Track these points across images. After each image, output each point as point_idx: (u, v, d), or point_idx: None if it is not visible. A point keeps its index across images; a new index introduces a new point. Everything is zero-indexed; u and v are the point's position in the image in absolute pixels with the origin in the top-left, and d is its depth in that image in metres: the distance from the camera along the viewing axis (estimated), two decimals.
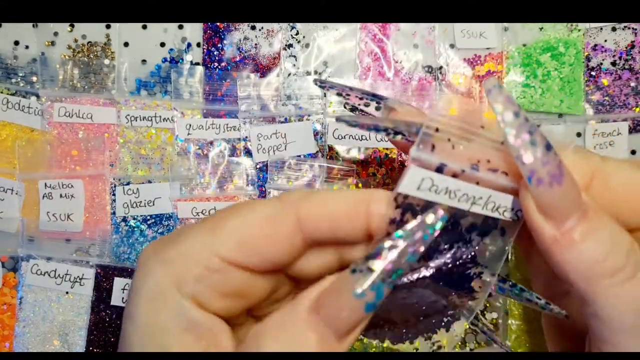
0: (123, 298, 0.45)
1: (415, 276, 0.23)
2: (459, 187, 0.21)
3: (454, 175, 0.21)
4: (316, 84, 0.32)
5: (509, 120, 0.20)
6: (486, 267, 0.24)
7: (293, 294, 0.28)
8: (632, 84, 0.46)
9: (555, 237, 0.21)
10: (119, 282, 0.46)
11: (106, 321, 0.46)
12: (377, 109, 0.30)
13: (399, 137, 0.23)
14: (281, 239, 0.23)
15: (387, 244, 0.21)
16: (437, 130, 0.21)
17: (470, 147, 0.22)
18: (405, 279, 0.23)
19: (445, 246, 0.23)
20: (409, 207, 0.22)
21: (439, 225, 0.21)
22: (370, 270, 0.20)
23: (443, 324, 0.25)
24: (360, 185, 0.46)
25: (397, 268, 0.20)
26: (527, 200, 0.21)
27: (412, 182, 0.21)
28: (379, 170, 0.47)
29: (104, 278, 0.46)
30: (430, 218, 0.21)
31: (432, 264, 0.23)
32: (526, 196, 0.21)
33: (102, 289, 0.46)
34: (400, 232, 0.21)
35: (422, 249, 0.21)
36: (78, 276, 0.45)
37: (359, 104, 0.31)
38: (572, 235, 0.21)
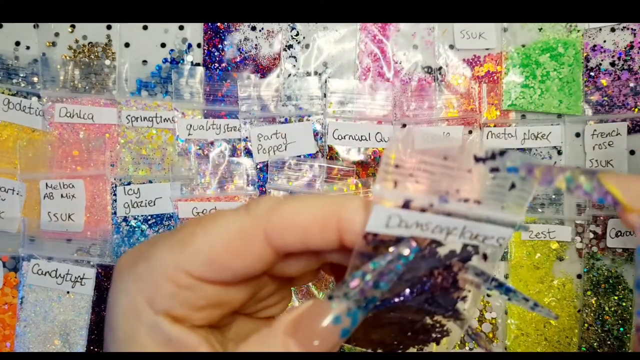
0: None
1: (396, 300, 0.23)
2: (429, 220, 0.21)
3: (423, 210, 0.21)
4: None
5: None
6: (470, 292, 0.24)
7: (281, 292, 0.28)
8: (631, 85, 0.47)
9: None
10: None
11: None
12: None
13: None
14: (250, 254, 0.23)
15: (362, 273, 0.21)
16: (396, 166, 0.20)
17: (436, 180, 0.21)
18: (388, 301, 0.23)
19: (425, 272, 0.23)
20: (380, 243, 0.22)
21: (412, 256, 0.21)
22: (347, 298, 0.21)
23: (432, 339, 0.25)
24: (360, 185, 0.47)
25: (371, 296, 0.21)
26: None
27: (379, 221, 0.21)
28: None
29: (105, 278, 0.46)
30: (402, 250, 0.21)
31: (414, 289, 0.23)
32: None
33: (103, 289, 0.46)
34: (374, 263, 0.21)
35: (395, 278, 0.21)
36: (79, 276, 0.46)
37: None
38: None
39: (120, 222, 0.47)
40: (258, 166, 0.47)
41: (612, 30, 0.47)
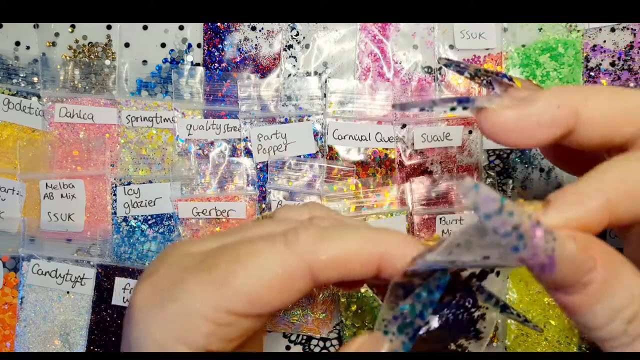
0: (124, 298, 0.46)
1: (424, 329, 0.24)
2: (465, 260, 0.22)
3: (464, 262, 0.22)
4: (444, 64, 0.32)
5: (487, 215, 0.19)
6: (487, 308, 0.25)
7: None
8: (631, 85, 0.47)
9: (566, 304, 0.21)
10: (119, 282, 0.46)
11: (107, 321, 0.46)
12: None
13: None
14: (293, 290, 0.23)
15: (410, 306, 0.22)
16: (458, 245, 0.22)
17: (484, 246, 0.22)
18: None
19: (448, 296, 0.24)
20: (416, 274, 0.23)
21: (445, 284, 0.23)
22: (400, 331, 0.22)
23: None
24: (360, 185, 0.47)
25: (418, 326, 0.22)
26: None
27: (422, 267, 0.22)
28: (379, 171, 0.47)
29: (105, 278, 0.46)
30: (440, 281, 0.22)
31: (438, 315, 0.24)
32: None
33: (103, 289, 0.46)
34: (418, 295, 0.22)
35: (434, 307, 0.23)
36: (79, 276, 0.46)
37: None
38: (581, 303, 0.21)
39: (120, 222, 0.47)
40: (258, 166, 0.47)
41: (612, 30, 0.47)
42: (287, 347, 0.47)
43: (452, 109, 0.25)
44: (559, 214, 0.22)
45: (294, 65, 0.48)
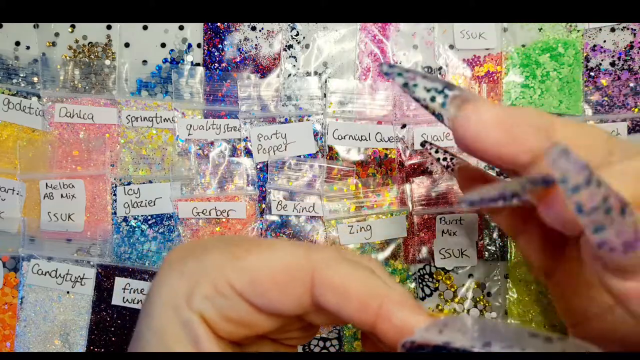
0: (124, 298, 0.46)
1: None
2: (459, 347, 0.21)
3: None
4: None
5: (576, 187, 0.17)
6: None
7: (307, 329, 0.28)
8: (631, 84, 0.47)
9: (631, 292, 0.20)
10: (119, 282, 0.46)
11: (107, 321, 0.46)
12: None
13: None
14: (291, 292, 0.23)
15: None
16: (446, 324, 0.21)
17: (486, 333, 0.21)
18: None
19: None
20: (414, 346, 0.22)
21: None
22: None
23: None
24: (360, 185, 0.47)
25: None
26: (596, 264, 0.20)
27: (416, 341, 0.21)
28: (379, 171, 0.47)
29: (105, 278, 0.46)
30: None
31: None
32: (595, 261, 0.20)
33: (103, 289, 0.46)
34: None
35: None
36: (79, 276, 0.46)
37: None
38: None
39: (120, 222, 0.47)
40: (258, 166, 0.47)
41: (612, 30, 0.47)
42: None
43: (433, 98, 0.24)
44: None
45: (294, 65, 0.48)
